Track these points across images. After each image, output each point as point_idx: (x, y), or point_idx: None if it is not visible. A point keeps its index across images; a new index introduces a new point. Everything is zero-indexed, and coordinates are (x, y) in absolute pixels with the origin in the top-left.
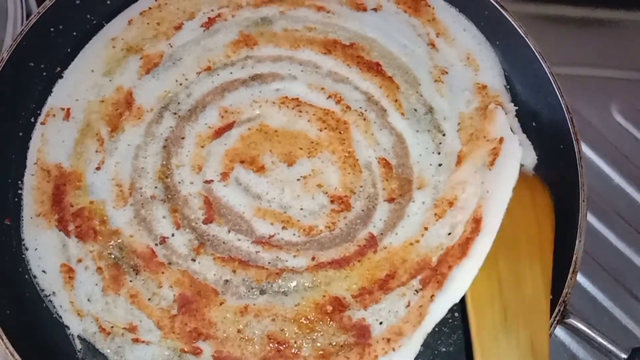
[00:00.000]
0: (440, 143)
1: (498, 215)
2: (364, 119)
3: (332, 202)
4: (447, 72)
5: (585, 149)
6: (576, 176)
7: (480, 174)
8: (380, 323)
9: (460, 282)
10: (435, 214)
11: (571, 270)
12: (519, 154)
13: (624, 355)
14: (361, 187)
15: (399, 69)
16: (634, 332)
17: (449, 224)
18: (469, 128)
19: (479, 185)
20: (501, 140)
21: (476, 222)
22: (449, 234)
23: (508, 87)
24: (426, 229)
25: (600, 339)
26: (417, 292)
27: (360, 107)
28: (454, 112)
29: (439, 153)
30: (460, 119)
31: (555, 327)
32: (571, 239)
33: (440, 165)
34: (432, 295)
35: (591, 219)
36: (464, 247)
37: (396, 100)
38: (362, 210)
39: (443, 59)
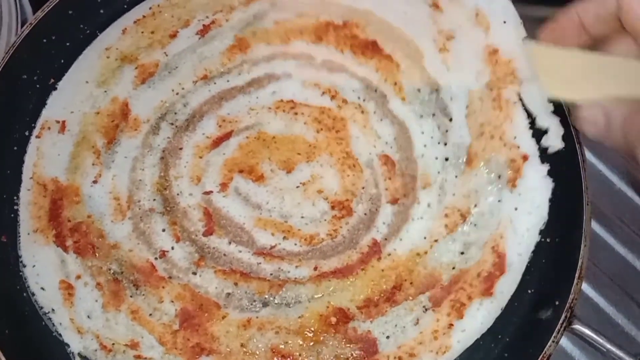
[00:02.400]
0: (446, 131)
1: (524, 256)
2: (362, 112)
3: (332, 208)
4: (453, 37)
5: (587, 153)
6: (579, 179)
7: (496, 188)
8: (387, 337)
9: (483, 320)
10: (446, 226)
11: (577, 275)
12: (548, 190)
13: None
14: (363, 188)
15: (398, 41)
16: (636, 339)
17: (461, 241)
18: (478, 114)
19: (496, 204)
20: (525, 157)
21: (499, 258)
22: (462, 253)
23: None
24: (436, 241)
25: (608, 345)
26: (427, 311)
27: (358, 98)
28: (462, 90)
29: (445, 144)
30: (469, 100)
31: (562, 334)
32: (576, 244)
33: (446, 159)
34: (451, 324)
35: (593, 224)
36: (487, 282)
37: (396, 83)
38: (365, 214)
39: (448, 21)
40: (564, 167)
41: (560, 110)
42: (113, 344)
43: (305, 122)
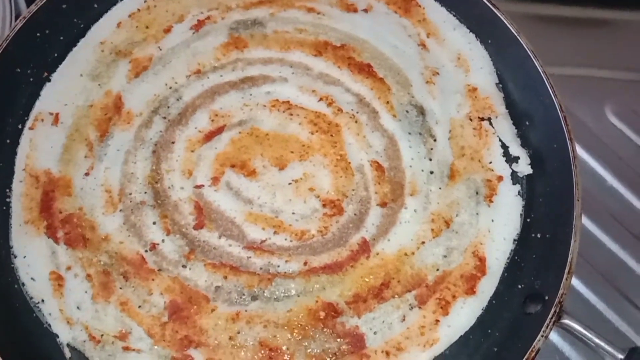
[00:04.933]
0: (431, 149)
1: (501, 260)
2: (356, 121)
3: (324, 206)
4: (438, 73)
5: (579, 150)
6: (570, 175)
7: (475, 202)
8: (375, 333)
9: (467, 317)
10: (432, 230)
11: (566, 270)
12: (519, 206)
13: (620, 356)
14: (353, 190)
15: (391, 69)
16: (627, 335)
17: (444, 245)
18: (459, 138)
19: (474, 216)
20: (500, 178)
21: (480, 261)
22: (445, 256)
23: (500, 85)
24: (423, 243)
25: (597, 340)
26: (412, 308)
27: (352, 109)
28: (445, 117)
29: (430, 160)
30: (452, 126)
31: (551, 329)
32: (566, 239)
33: (431, 172)
34: (437, 320)
35: (584, 220)
36: (469, 282)
37: (388, 102)
38: (355, 215)
39: (434, 60)
40: (555, 164)
41: (553, 108)
42: (102, 335)
43: (300, 122)
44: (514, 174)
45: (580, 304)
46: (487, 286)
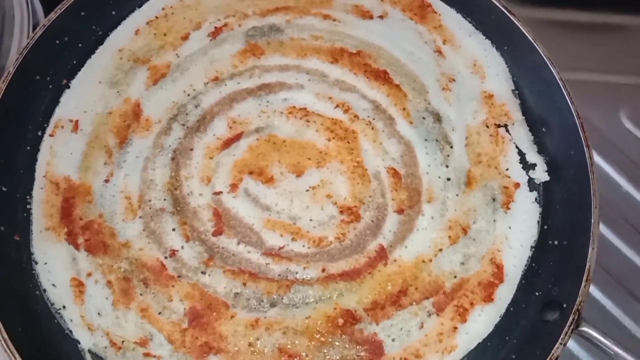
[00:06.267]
0: (448, 155)
1: (519, 268)
2: (372, 128)
3: (341, 212)
4: (454, 80)
5: (594, 156)
6: (587, 182)
7: (492, 209)
8: (393, 340)
9: (485, 324)
10: (450, 237)
11: (584, 278)
12: (536, 213)
13: None
14: (370, 197)
15: (407, 76)
16: None
17: (461, 252)
18: (476, 145)
19: (492, 223)
20: (517, 185)
21: (498, 268)
22: (462, 263)
23: (517, 92)
24: (440, 250)
25: (615, 347)
26: (430, 315)
27: (368, 116)
28: (461, 123)
29: (447, 166)
30: (468, 133)
31: (569, 337)
32: (583, 247)
33: (448, 179)
34: (455, 327)
35: (599, 226)
36: (487, 289)
37: (404, 109)
38: (372, 221)
39: (450, 66)
40: (572, 171)
41: (570, 115)
42: (123, 341)
43: (317, 129)
44: (530, 181)
45: (597, 311)
46: (505, 293)
